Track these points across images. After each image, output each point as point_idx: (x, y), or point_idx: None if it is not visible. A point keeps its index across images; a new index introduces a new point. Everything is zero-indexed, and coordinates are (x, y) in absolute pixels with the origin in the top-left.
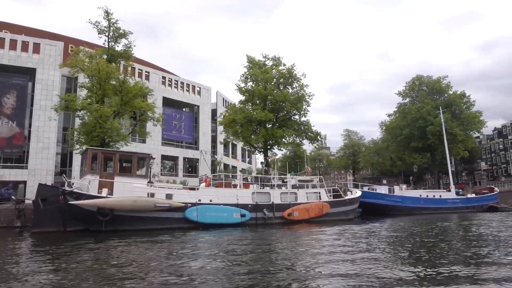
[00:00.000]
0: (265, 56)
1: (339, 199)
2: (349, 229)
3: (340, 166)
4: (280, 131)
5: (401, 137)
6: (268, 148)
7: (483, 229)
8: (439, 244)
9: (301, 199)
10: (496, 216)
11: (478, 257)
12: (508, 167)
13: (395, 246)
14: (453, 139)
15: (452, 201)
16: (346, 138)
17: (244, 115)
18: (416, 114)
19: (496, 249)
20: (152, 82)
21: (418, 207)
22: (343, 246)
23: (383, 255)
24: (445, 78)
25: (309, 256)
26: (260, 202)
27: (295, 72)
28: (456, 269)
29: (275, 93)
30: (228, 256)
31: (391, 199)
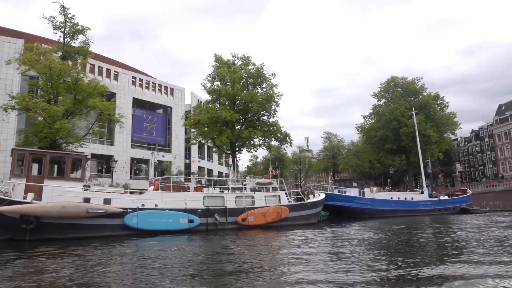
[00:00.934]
0: (235, 56)
1: (300, 203)
2: (307, 234)
3: (320, 169)
4: (247, 131)
5: (376, 139)
6: (237, 149)
7: (439, 231)
8: (385, 248)
9: (258, 203)
10: (464, 218)
11: (426, 263)
12: (485, 169)
13: (349, 251)
14: (426, 140)
15: (424, 204)
16: (326, 141)
17: (209, 115)
18: (390, 116)
19: (449, 254)
20: (121, 82)
21: (388, 210)
22: (292, 253)
23: (335, 261)
24: (420, 79)
25: (240, 263)
26: (212, 207)
27: (264, 71)
28: (410, 274)
29: (243, 93)
30: (138, 267)
31: (360, 202)
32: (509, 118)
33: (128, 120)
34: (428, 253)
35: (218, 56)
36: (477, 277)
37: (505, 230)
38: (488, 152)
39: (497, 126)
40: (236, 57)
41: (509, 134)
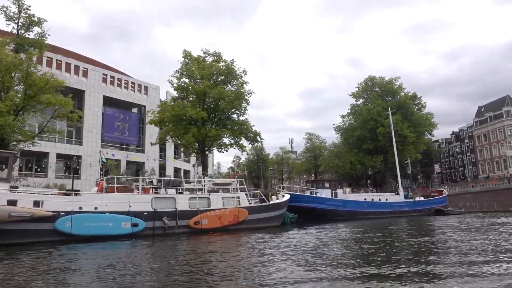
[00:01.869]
0: (206, 52)
1: (260, 204)
2: (264, 237)
3: (302, 170)
4: (214, 130)
5: (353, 139)
6: (206, 149)
7: (405, 233)
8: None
9: (215, 205)
10: (437, 219)
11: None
12: (465, 170)
13: (301, 256)
14: (403, 140)
15: (398, 205)
16: (308, 142)
17: (174, 113)
18: (367, 115)
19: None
20: (90, 79)
21: (361, 212)
22: (242, 258)
23: (280, 267)
24: (398, 79)
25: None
26: (161, 209)
27: (235, 68)
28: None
29: (211, 90)
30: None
31: (332, 203)
32: (488, 120)
33: (98, 119)
34: (387, 257)
35: (188, 52)
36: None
37: (469, 232)
38: (468, 153)
39: (476, 127)
40: (207, 53)
41: (488, 136)
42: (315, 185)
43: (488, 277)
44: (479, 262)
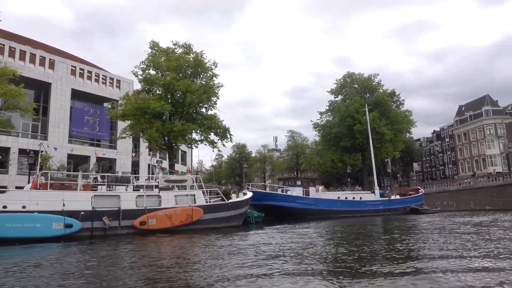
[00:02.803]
0: (176, 43)
1: (217, 203)
2: (217, 238)
3: (283, 168)
4: (180, 124)
5: (331, 136)
6: (174, 145)
7: (370, 234)
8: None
9: (167, 203)
10: (409, 218)
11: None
12: (445, 169)
13: (252, 259)
14: (380, 138)
15: (373, 204)
16: (290, 140)
17: (136, 105)
18: (344, 112)
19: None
20: (58, 71)
21: (334, 210)
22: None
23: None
24: (376, 76)
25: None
26: (101, 208)
27: (205, 60)
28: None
29: (177, 83)
30: None
31: (303, 202)
32: (468, 119)
33: (65, 113)
34: (337, 257)
35: (155, 42)
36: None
37: (432, 232)
38: (448, 152)
39: (457, 126)
40: (177, 45)
41: (468, 135)
42: (287, 182)
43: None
44: (437, 262)
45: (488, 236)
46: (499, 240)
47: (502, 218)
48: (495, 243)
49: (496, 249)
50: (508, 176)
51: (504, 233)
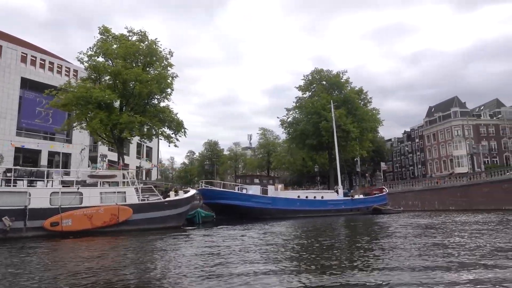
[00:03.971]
0: (130, 30)
1: (150, 202)
2: (141, 242)
3: (254, 166)
4: (126, 116)
5: (297, 133)
6: (124, 138)
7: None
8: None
9: (89, 201)
10: (368, 218)
11: None
12: (415, 169)
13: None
14: (346, 136)
15: (334, 203)
16: (261, 137)
17: (78, 94)
18: (311, 109)
19: None
20: (6, 58)
21: (292, 210)
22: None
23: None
24: (345, 73)
25: None
26: (3, 207)
27: (159, 49)
28: None
29: (125, 71)
30: None
31: (259, 201)
32: (437, 120)
33: (13, 104)
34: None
35: (106, 28)
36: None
37: (388, 234)
38: (418, 152)
39: (426, 127)
40: (132, 32)
41: (437, 136)
42: (245, 180)
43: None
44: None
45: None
46: (420, 245)
47: (454, 219)
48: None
49: (419, 255)
50: (472, 176)
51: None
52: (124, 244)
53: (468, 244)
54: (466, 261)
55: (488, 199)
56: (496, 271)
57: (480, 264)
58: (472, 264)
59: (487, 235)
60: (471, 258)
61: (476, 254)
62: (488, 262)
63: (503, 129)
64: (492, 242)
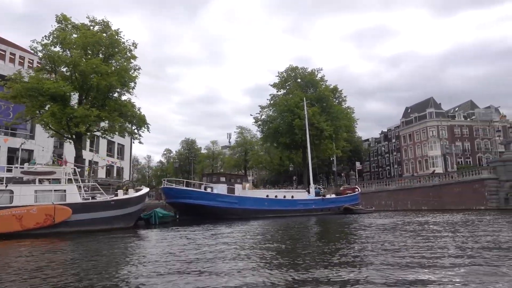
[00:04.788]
0: (92, 20)
1: (94, 201)
2: (75, 246)
3: (231, 165)
4: (82, 109)
5: (270, 131)
6: (83, 133)
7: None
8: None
9: (21, 200)
10: (338, 218)
11: None
12: (391, 169)
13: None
14: (320, 134)
15: (304, 203)
16: (239, 136)
17: (28, 85)
18: (284, 107)
19: None
20: None
21: (260, 210)
22: None
23: None
24: (320, 71)
25: None
26: None
27: (121, 40)
28: None
29: (82, 62)
30: None
31: (224, 201)
32: (413, 121)
33: None
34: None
35: (64, 16)
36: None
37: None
38: (394, 152)
39: (403, 127)
40: (94, 21)
41: (413, 136)
42: (212, 179)
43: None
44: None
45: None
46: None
47: (417, 219)
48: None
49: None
50: (444, 176)
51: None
52: (44, 249)
53: (407, 245)
54: (405, 262)
55: (459, 199)
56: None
57: (420, 264)
58: (418, 264)
59: (430, 236)
60: (413, 259)
61: (415, 255)
62: (429, 263)
63: (476, 130)
64: (435, 243)
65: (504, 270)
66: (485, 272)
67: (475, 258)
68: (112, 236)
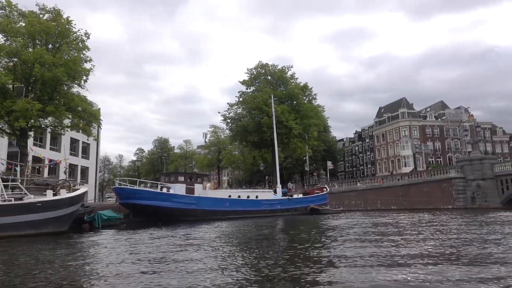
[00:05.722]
0: (42, 8)
1: (15, 203)
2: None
3: (204, 165)
4: (22, 102)
5: (238, 129)
6: (29, 129)
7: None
8: None
9: None
10: (298, 219)
11: None
12: (365, 169)
13: None
14: (288, 133)
15: (269, 203)
16: (212, 135)
17: None
18: (252, 104)
19: None
20: None
21: (221, 211)
22: None
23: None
24: (290, 68)
25: None
26: None
27: (73, 29)
28: None
29: (24, 52)
30: None
31: (182, 201)
32: (386, 120)
33: None
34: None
35: (9, 2)
36: None
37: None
38: (368, 152)
39: (376, 127)
40: (44, 9)
41: (386, 136)
42: (170, 178)
43: None
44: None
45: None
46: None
47: (374, 220)
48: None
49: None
50: (413, 175)
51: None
52: None
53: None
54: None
55: (427, 198)
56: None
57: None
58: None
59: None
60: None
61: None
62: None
63: (447, 130)
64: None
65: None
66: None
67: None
68: (33, 241)
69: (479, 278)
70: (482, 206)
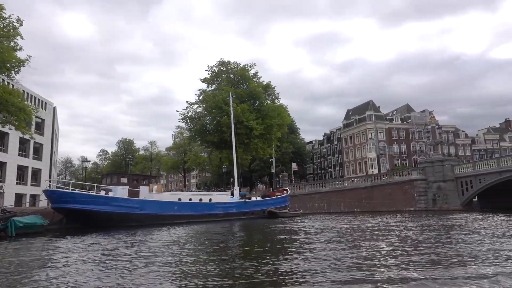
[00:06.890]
0: None
1: None
2: None
3: (168, 167)
4: None
5: (196, 129)
6: None
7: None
8: None
9: None
10: (251, 223)
11: None
12: (333, 171)
13: None
14: (249, 133)
15: (224, 206)
16: (177, 136)
17: None
18: (212, 103)
19: None
20: None
21: (168, 215)
22: None
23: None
24: (253, 66)
25: None
26: None
27: (3, 15)
28: None
29: None
30: None
31: (123, 205)
32: (354, 123)
33: None
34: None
35: None
36: None
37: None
38: (336, 154)
39: (344, 130)
40: None
41: (353, 138)
42: (112, 180)
43: None
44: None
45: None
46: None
47: (326, 225)
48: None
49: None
50: (376, 178)
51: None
52: None
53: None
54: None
55: (389, 200)
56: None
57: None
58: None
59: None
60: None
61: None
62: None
63: (412, 133)
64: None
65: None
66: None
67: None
68: None
69: (431, 279)
70: (443, 207)
